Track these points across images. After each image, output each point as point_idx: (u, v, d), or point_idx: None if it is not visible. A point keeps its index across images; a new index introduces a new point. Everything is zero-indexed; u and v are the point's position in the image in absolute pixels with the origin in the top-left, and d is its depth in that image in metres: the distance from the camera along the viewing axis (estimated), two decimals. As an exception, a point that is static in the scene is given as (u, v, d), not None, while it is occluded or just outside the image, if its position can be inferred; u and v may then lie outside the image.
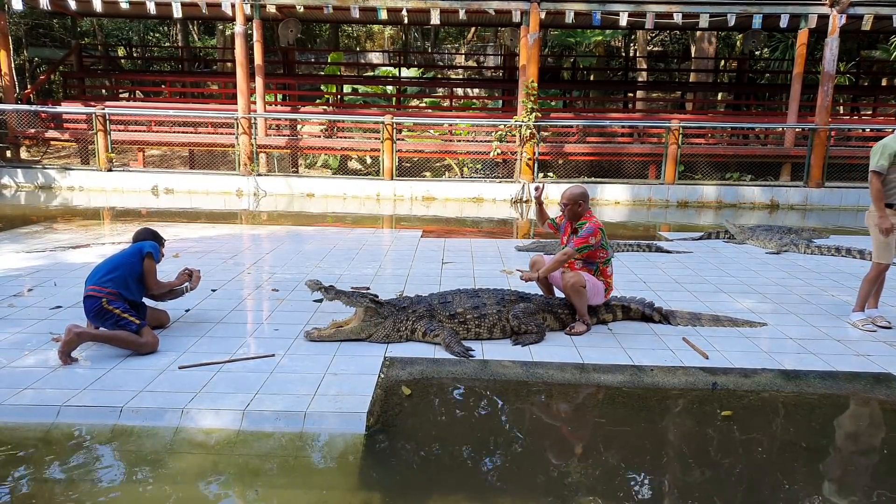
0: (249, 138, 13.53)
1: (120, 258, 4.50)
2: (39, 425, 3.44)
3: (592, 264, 4.93)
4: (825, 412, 3.95)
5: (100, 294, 4.24)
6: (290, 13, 14.73)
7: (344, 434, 3.44)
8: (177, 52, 21.70)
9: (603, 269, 4.97)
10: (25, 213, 11.11)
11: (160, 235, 4.84)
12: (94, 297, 4.24)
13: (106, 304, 4.21)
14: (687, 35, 23.57)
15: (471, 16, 14.39)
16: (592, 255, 4.90)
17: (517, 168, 13.62)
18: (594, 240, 4.81)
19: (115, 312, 4.21)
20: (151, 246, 4.54)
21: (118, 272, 4.35)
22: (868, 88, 19.23)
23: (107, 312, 4.21)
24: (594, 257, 4.91)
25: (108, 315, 4.21)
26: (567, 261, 4.85)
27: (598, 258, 4.93)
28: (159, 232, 4.92)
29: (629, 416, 3.83)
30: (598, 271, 4.95)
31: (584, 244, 4.80)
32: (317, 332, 4.60)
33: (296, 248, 7.87)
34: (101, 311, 4.22)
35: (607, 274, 5.01)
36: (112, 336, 4.23)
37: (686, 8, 13.14)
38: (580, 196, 4.93)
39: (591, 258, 4.91)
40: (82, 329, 4.19)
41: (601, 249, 4.91)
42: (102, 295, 4.23)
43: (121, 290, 4.30)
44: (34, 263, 6.74)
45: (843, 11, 12.84)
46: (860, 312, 5.20)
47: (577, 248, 4.79)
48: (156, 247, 4.59)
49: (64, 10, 15.00)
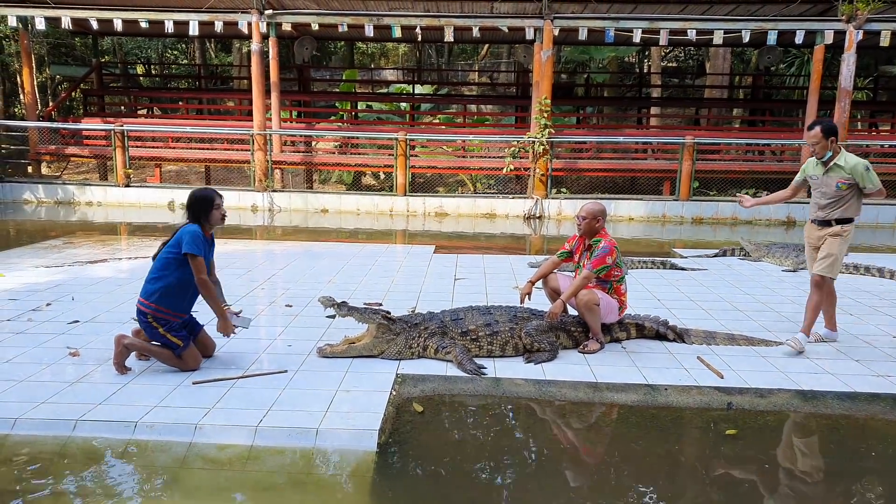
0: (265, 154, 13.68)
1: (163, 259, 4.22)
2: (56, 439, 3.47)
3: (606, 283, 4.91)
4: (844, 434, 3.88)
5: (146, 310, 4.16)
6: (306, 31, 14.95)
7: (356, 451, 3.44)
8: (194, 70, 22.06)
9: (617, 287, 4.95)
10: (45, 227, 11.29)
11: (208, 198, 4.30)
12: (141, 312, 4.19)
13: (153, 322, 4.16)
14: (702, 51, 23.56)
15: (484, 33, 14.54)
16: (606, 274, 4.88)
17: (530, 184, 13.63)
18: (610, 259, 4.80)
19: (160, 332, 4.17)
20: (191, 236, 4.12)
21: (162, 282, 4.16)
22: (886, 104, 19.05)
23: (153, 329, 4.19)
24: (608, 276, 4.89)
25: (154, 332, 4.20)
26: (586, 283, 4.80)
27: (613, 276, 4.91)
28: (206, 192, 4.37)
29: (643, 435, 3.79)
30: (612, 289, 4.92)
31: (602, 265, 4.78)
32: (329, 348, 4.62)
33: (309, 264, 7.91)
34: (148, 327, 4.19)
35: (621, 292, 4.98)
36: (156, 352, 4.26)
37: (700, 24, 13.15)
38: (599, 212, 4.90)
39: (606, 277, 4.89)
40: (130, 340, 4.26)
41: (616, 268, 4.89)
42: (149, 311, 4.15)
43: (169, 307, 4.16)
44: (53, 278, 6.84)
45: (860, 27, 12.77)
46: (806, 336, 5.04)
47: (595, 269, 4.78)
48: (195, 235, 4.15)
49: (85, 30, 15.36)
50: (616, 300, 4.94)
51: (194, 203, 4.30)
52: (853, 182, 4.83)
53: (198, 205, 4.29)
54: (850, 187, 4.85)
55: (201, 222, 4.30)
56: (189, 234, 4.15)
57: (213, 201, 4.30)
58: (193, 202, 4.30)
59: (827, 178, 4.92)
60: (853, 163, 4.82)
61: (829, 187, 4.91)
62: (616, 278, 4.92)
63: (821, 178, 4.97)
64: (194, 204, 4.29)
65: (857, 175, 4.79)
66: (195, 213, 4.29)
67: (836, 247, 4.91)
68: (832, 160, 4.89)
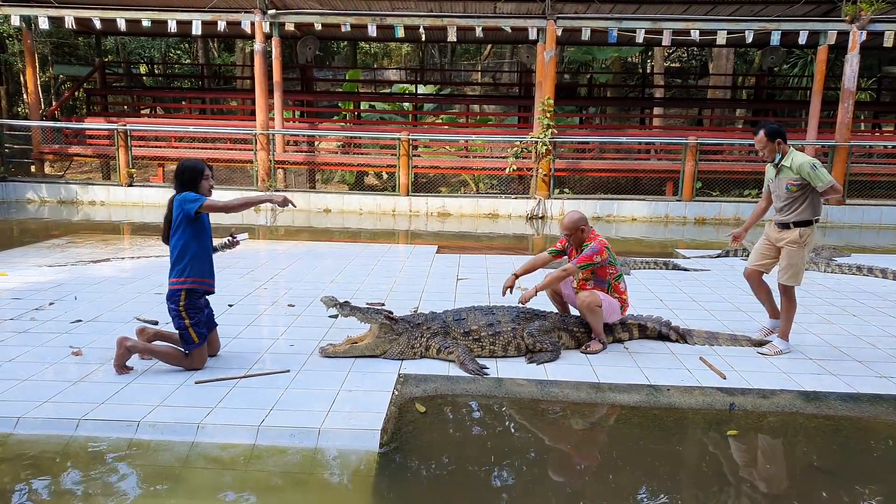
0: (267, 154, 13.70)
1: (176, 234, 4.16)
2: (59, 438, 3.48)
3: (603, 282, 4.89)
4: (847, 435, 3.87)
5: (182, 287, 4.13)
6: (309, 31, 14.96)
7: (358, 451, 3.44)
8: (197, 69, 22.10)
9: (615, 285, 4.93)
10: (48, 227, 11.32)
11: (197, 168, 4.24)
12: (174, 295, 4.15)
13: (183, 312, 4.15)
14: (705, 51, 23.53)
15: (487, 33, 14.53)
16: (601, 273, 4.86)
17: (533, 184, 13.62)
18: (599, 258, 4.76)
19: (186, 324, 4.17)
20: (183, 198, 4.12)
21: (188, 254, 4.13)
22: (890, 104, 19.01)
23: (181, 320, 4.17)
24: (603, 275, 4.87)
25: (180, 322, 4.18)
26: (566, 277, 4.85)
27: (608, 275, 4.88)
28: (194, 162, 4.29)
29: (645, 436, 3.79)
30: (611, 288, 4.91)
31: (587, 262, 4.76)
32: (331, 347, 4.62)
33: (312, 264, 7.92)
34: (178, 316, 4.16)
35: (620, 290, 4.96)
36: (160, 353, 4.26)
37: (703, 25, 13.14)
38: (579, 222, 4.88)
39: (601, 276, 4.87)
40: (133, 342, 4.25)
41: (609, 266, 4.86)
42: (185, 288, 4.13)
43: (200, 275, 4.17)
44: (56, 277, 6.86)
45: (864, 28, 12.74)
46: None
47: (578, 265, 4.77)
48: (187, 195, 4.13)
49: (88, 30, 15.38)
50: (617, 299, 4.93)
51: (183, 173, 4.24)
52: (803, 182, 4.70)
53: (186, 174, 4.23)
54: (801, 188, 4.72)
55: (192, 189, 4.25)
56: (182, 198, 4.13)
57: (203, 171, 4.25)
58: (182, 172, 4.25)
59: (778, 181, 4.85)
60: (799, 162, 4.70)
61: (781, 190, 4.83)
62: (612, 276, 4.90)
63: (774, 181, 4.91)
64: (183, 174, 4.24)
65: (805, 175, 4.66)
66: (182, 183, 4.23)
67: (796, 256, 4.80)
68: (781, 162, 4.82)
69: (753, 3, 13.69)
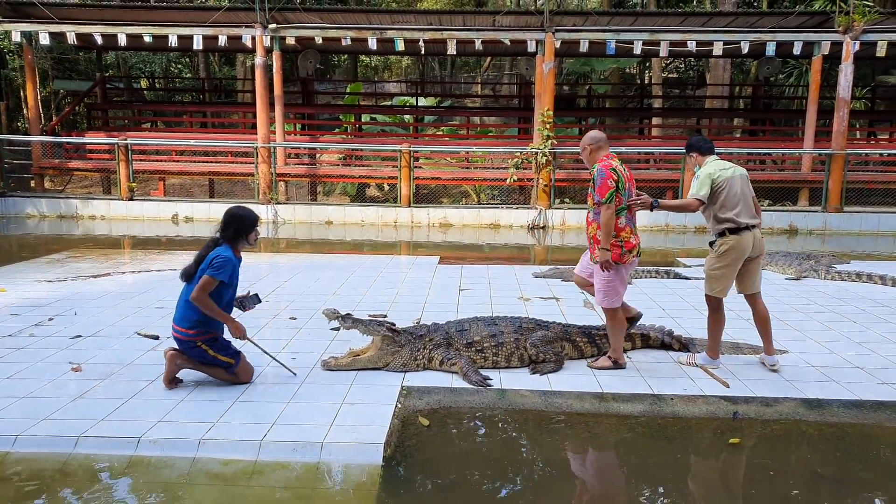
0: (268, 167, 13.73)
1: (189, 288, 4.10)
2: (57, 456, 3.45)
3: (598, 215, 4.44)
4: (850, 442, 3.85)
5: (189, 338, 4.10)
6: (310, 45, 15.04)
7: (361, 465, 3.42)
8: (198, 83, 22.21)
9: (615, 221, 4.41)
10: (48, 242, 11.33)
11: (251, 219, 4.16)
12: (183, 341, 4.12)
13: (202, 345, 4.11)
14: (702, 61, 23.66)
15: (487, 45, 14.61)
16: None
17: (534, 194, 13.65)
18: (612, 181, 4.35)
19: (210, 354, 4.14)
20: (222, 262, 4.00)
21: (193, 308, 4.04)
22: (884, 113, 19.09)
23: (202, 352, 4.14)
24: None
25: (203, 355, 4.15)
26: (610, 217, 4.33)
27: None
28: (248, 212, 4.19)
29: (649, 445, 3.77)
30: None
31: (607, 190, 4.32)
32: (334, 360, 4.61)
33: (314, 276, 7.91)
34: (197, 351, 4.14)
35: (619, 227, 4.42)
36: (208, 370, 4.24)
37: (700, 36, 13.22)
38: (589, 141, 4.58)
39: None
40: (183, 358, 4.20)
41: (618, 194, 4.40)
42: (188, 338, 4.11)
43: (208, 329, 4.11)
44: (55, 292, 6.84)
45: (857, 38, 12.83)
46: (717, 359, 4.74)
47: (603, 199, 4.32)
48: (227, 261, 4.02)
49: (89, 45, 15.47)
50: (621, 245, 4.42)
51: (234, 221, 4.13)
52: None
53: (238, 223, 4.13)
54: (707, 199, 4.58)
55: (237, 241, 4.17)
56: (222, 260, 4.01)
57: (256, 223, 4.19)
58: (233, 220, 4.13)
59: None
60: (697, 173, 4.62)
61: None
62: (617, 206, 4.41)
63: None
64: (234, 222, 4.12)
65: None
66: (234, 232, 4.13)
67: (707, 263, 4.70)
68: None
69: (748, 14, 13.79)
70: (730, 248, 4.55)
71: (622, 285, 4.57)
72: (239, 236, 4.17)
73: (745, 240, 4.52)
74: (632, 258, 4.54)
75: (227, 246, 4.15)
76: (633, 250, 4.51)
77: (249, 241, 4.23)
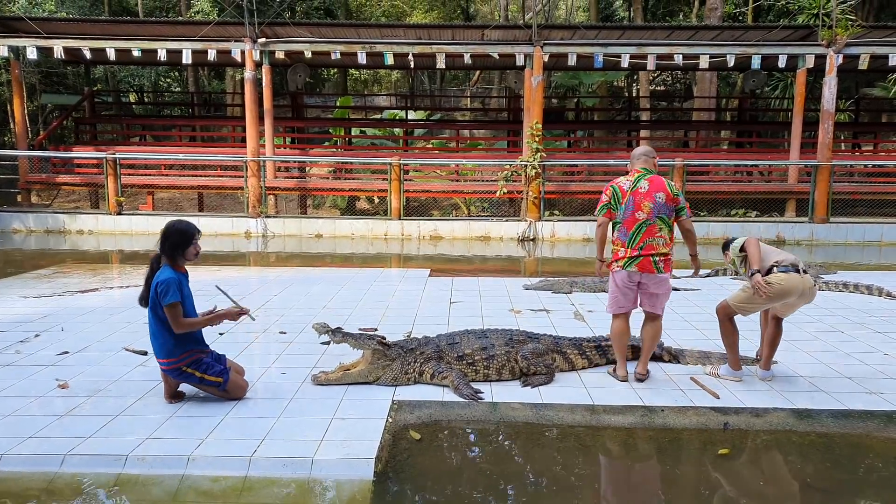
0: (258, 180, 13.71)
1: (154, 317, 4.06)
2: (43, 475, 3.40)
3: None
4: (840, 452, 3.87)
5: (174, 366, 4.08)
6: (299, 59, 15.09)
7: (352, 480, 3.39)
8: (187, 97, 22.20)
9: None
10: (34, 257, 11.22)
11: (188, 233, 4.08)
12: (169, 370, 4.11)
13: (187, 370, 4.09)
14: (689, 74, 23.95)
15: (475, 59, 14.72)
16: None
17: (524, 207, 13.71)
18: (605, 196, 4.58)
19: (198, 376, 4.11)
20: (165, 287, 3.93)
21: (171, 337, 4.03)
22: (868, 125, 19.39)
23: (190, 376, 4.12)
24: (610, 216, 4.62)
25: (191, 378, 4.13)
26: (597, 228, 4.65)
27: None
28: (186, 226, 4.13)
29: (641, 457, 3.77)
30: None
31: (599, 204, 4.63)
32: (324, 375, 4.58)
33: (304, 290, 7.88)
34: (184, 376, 4.12)
35: (613, 240, 4.62)
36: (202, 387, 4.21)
37: (686, 49, 13.40)
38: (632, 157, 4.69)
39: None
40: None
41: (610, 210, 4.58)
42: (172, 366, 4.08)
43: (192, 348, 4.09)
44: (42, 308, 6.77)
45: (840, 51, 13.06)
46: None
47: (595, 212, 4.65)
48: (169, 282, 3.94)
49: (77, 59, 15.44)
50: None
51: (172, 236, 4.07)
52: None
53: (175, 238, 4.06)
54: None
55: (175, 256, 4.10)
56: (164, 285, 3.94)
57: (193, 237, 4.11)
58: (169, 234, 4.07)
59: None
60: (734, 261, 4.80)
61: None
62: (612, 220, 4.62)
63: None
64: (172, 237, 4.06)
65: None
66: (171, 247, 4.07)
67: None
68: None
69: (734, 28, 13.99)
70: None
71: (621, 294, 4.63)
72: (175, 251, 4.08)
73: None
74: (618, 268, 4.60)
75: (167, 265, 4.09)
76: (619, 261, 4.59)
77: (187, 257, 4.13)
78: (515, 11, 27.97)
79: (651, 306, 4.64)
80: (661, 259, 4.53)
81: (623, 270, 4.58)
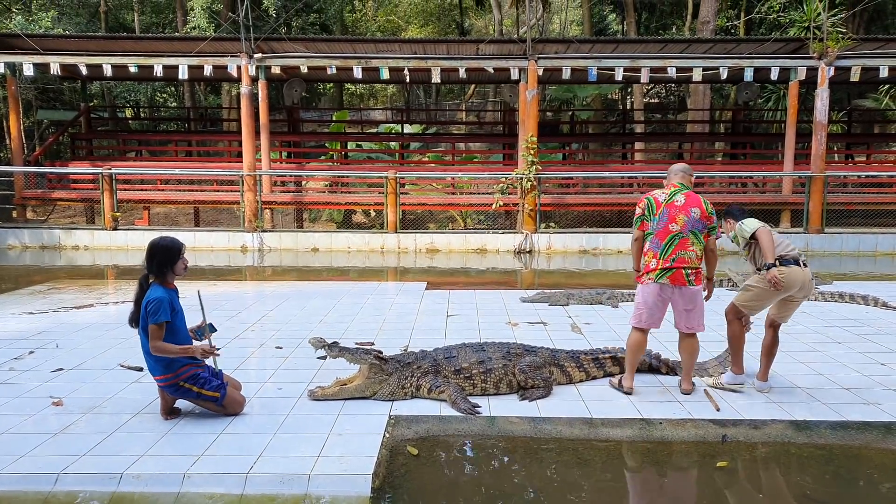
0: (254, 195, 13.72)
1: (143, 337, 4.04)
2: (36, 494, 3.36)
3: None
4: (839, 463, 3.86)
5: (170, 382, 4.06)
6: (295, 74, 15.18)
7: (349, 496, 3.36)
8: (183, 112, 22.26)
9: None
10: (30, 273, 11.17)
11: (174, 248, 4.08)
12: (166, 387, 4.09)
13: (185, 385, 4.06)
14: (682, 87, 24.14)
15: (471, 73, 14.82)
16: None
17: (520, 219, 13.74)
18: (639, 208, 4.63)
19: (195, 391, 4.08)
20: (155, 306, 3.90)
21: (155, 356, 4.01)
22: (861, 136, 19.56)
23: (188, 391, 4.09)
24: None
25: (189, 393, 4.11)
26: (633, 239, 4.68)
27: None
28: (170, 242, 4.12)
29: (639, 470, 3.75)
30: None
31: (635, 216, 4.68)
32: (320, 390, 4.55)
33: (300, 304, 7.86)
34: (182, 391, 4.09)
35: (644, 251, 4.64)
36: (199, 402, 4.18)
37: (680, 62, 13.53)
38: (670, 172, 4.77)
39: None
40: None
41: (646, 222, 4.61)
42: (168, 382, 4.06)
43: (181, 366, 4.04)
44: (37, 325, 6.73)
45: (831, 63, 13.21)
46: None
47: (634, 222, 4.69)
48: (159, 302, 3.92)
49: (74, 75, 15.48)
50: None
51: (158, 253, 4.05)
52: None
53: (162, 255, 4.04)
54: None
55: (164, 273, 4.08)
56: (154, 304, 3.91)
57: (179, 252, 4.08)
58: (157, 252, 4.05)
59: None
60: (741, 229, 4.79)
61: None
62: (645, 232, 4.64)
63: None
64: (158, 254, 4.04)
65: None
66: (159, 264, 4.04)
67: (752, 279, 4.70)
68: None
69: (726, 41, 14.13)
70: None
71: (646, 311, 4.59)
72: (164, 268, 4.06)
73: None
74: (649, 280, 4.57)
75: (156, 283, 4.06)
76: (650, 273, 4.56)
77: (177, 272, 4.11)
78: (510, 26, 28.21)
79: (687, 325, 4.60)
80: (692, 272, 4.52)
81: (655, 283, 4.54)
